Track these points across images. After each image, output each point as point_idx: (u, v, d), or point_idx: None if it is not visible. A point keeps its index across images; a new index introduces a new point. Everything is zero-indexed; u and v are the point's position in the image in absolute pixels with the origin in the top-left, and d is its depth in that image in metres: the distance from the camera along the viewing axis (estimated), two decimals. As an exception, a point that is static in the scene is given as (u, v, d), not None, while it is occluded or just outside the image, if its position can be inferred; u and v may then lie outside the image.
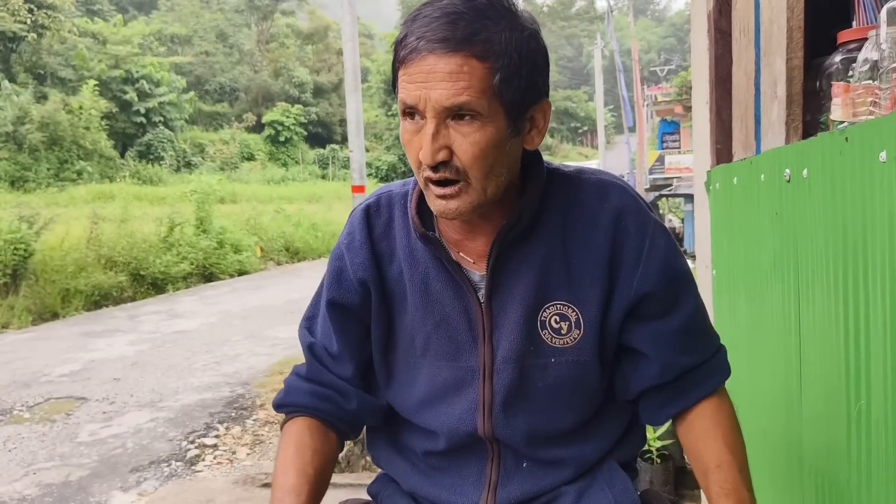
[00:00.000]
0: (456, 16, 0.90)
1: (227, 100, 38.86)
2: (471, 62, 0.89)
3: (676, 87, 23.22)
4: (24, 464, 4.19)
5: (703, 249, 2.36)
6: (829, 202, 1.14)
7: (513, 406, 1.05)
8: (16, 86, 24.43)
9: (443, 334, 1.06)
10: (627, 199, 1.05)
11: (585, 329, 1.03)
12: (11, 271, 9.67)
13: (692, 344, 1.07)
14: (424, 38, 0.90)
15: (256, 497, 3.33)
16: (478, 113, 0.91)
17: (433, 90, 0.90)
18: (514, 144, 0.97)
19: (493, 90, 0.91)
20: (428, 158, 0.92)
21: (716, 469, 1.02)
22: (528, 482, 1.09)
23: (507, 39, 0.91)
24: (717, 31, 2.05)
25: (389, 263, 1.09)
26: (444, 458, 1.11)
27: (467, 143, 0.92)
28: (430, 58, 0.90)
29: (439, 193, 0.94)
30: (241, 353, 6.97)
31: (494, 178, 0.95)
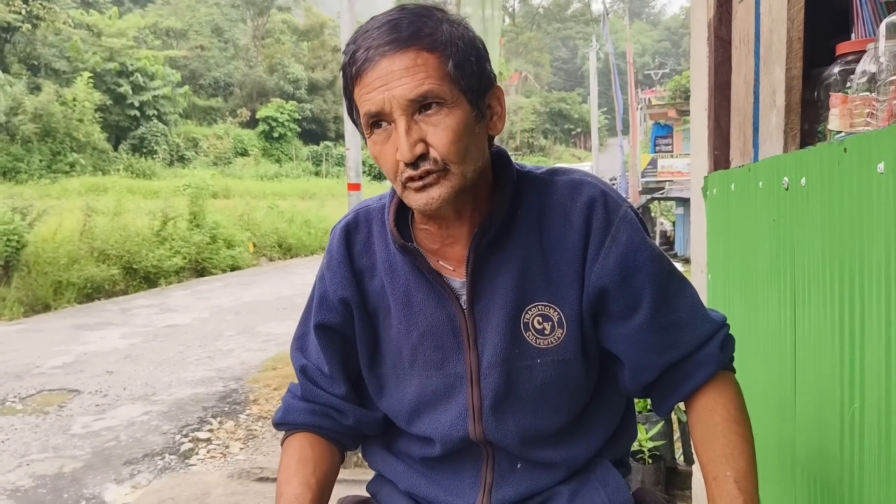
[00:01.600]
0: (395, 21, 0.95)
1: (222, 94, 38.71)
2: (422, 55, 0.93)
3: (670, 91, 23.30)
4: (17, 455, 4.19)
5: (698, 253, 2.39)
6: (826, 211, 1.16)
7: (502, 409, 1.06)
8: (9, 76, 24.24)
9: (429, 344, 1.07)
10: (597, 193, 1.05)
11: (568, 328, 1.04)
12: (4, 262, 9.64)
13: (667, 340, 1.04)
14: (372, 47, 0.94)
15: (251, 491, 3.34)
16: (442, 100, 0.94)
17: (395, 88, 0.93)
18: (480, 129, 1.00)
19: (449, 77, 0.94)
20: (406, 155, 0.93)
21: (712, 481, 1.00)
22: (522, 483, 1.10)
23: (448, 31, 0.96)
24: (717, 39, 2.08)
25: (371, 279, 1.11)
26: (440, 461, 1.13)
27: (440, 130, 0.94)
28: (384, 61, 0.93)
29: (419, 186, 0.95)
30: (234, 349, 6.98)
31: (471, 162, 0.98)
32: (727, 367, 1.09)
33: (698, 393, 1.06)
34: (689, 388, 1.06)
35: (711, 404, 1.04)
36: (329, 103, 39.30)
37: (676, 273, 1.08)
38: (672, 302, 1.05)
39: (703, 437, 1.03)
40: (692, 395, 1.07)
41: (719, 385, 1.06)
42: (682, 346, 1.04)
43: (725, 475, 0.98)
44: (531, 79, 57.12)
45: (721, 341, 1.06)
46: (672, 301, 1.05)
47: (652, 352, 1.04)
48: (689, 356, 1.04)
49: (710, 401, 1.05)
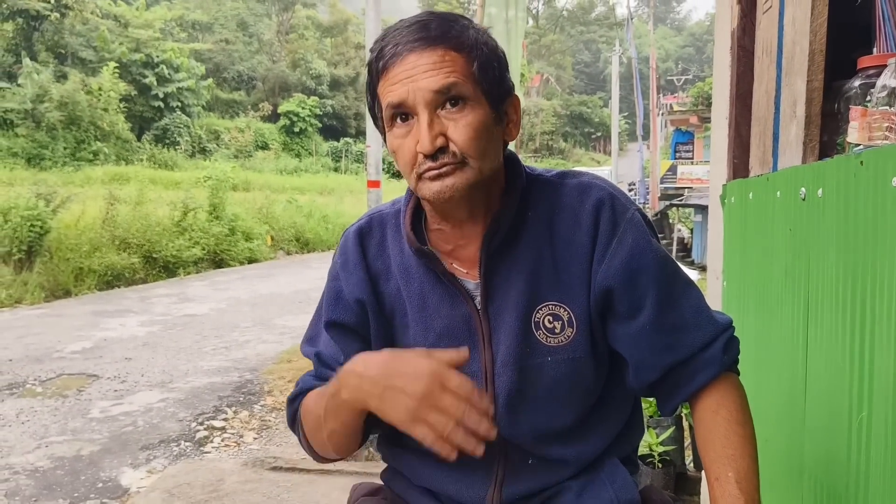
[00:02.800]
0: (425, 21, 1.00)
1: (245, 88, 38.98)
2: (450, 53, 0.98)
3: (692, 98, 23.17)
4: (36, 437, 4.28)
5: (714, 261, 2.40)
6: (841, 223, 1.18)
7: (515, 407, 1.08)
8: (37, 64, 24.56)
9: (445, 345, 1.08)
10: (605, 195, 1.07)
11: (578, 326, 1.06)
12: (27, 247, 9.78)
13: (670, 341, 1.05)
14: (401, 43, 0.98)
15: (265, 479, 3.39)
16: (465, 97, 0.98)
17: (420, 81, 0.96)
18: (497, 131, 1.04)
19: (473, 77, 0.98)
20: (427, 146, 0.96)
21: (714, 482, 1.01)
22: (533, 479, 1.12)
23: (474, 35, 1.01)
24: (741, 49, 2.09)
25: (386, 282, 1.12)
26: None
27: (461, 126, 0.97)
28: (412, 56, 0.97)
29: (433, 174, 0.98)
30: (250, 340, 7.05)
31: (488, 160, 1.01)
32: (731, 368, 1.09)
33: (702, 394, 1.07)
34: (692, 388, 1.07)
35: (714, 405, 1.05)
36: (350, 100, 39.43)
37: (682, 276, 1.10)
38: (676, 303, 1.06)
39: (705, 438, 1.05)
40: (695, 396, 1.08)
41: (723, 386, 1.07)
42: (685, 347, 1.05)
43: (727, 476, 0.99)
44: (553, 81, 56.95)
45: (725, 343, 1.07)
46: (676, 303, 1.06)
47: (655, 352, 1.05)
48: (693, 357, 1.05)
49: (714, 402, 1.06)
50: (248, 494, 3.27)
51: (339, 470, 3.36)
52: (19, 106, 22.73)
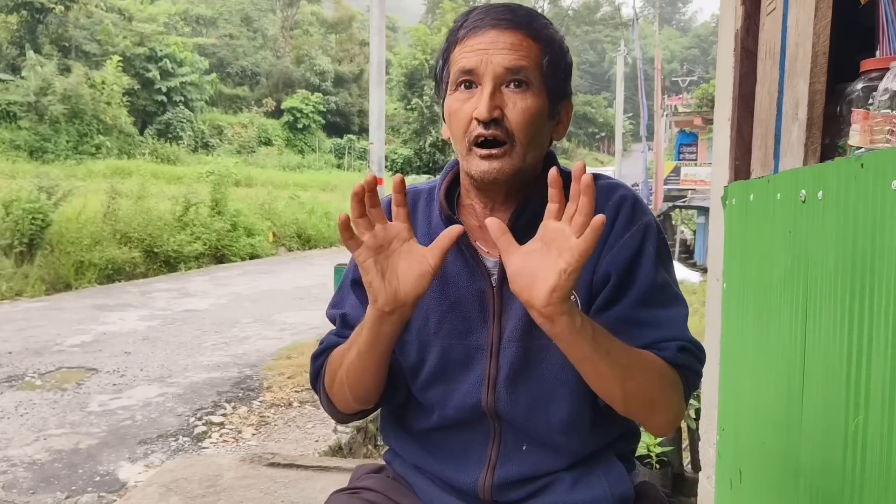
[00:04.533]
0: (514, 7, 1.06)
1: (248, 84, 38.99)
2: (528, 40, 1.04)
3: (697, 99, 23.16)
4: (34, 429, 4.28)
5: (715, 262, 2.40)
6: (841, 225, 1.18)
7: (516, 383, 1.10)
8: (40, 57, 24.58)
9: (456, 314, 1.12)
10: (629, 194, 1.12)
11: (582, 311, 1.06)
12: (28, 240, 9.80)
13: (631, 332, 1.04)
14: (488, 17, 1.04)
15: (263, 475, 3.39)
16: (530, 83, 1.04)
17: (495, 55, 1.03)
18: (548, 126, 1.10)
19: (542, 67, 1.05)
20: (484, 113, 1.01)
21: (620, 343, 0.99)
22: (525, 464, 1.13)
23: (552, 33, 1.08)
24: (744, 51, 2.09)
25: None
26: (448, 437, 1.16)
27: (518, 108, 1.03)
28: (493, 31, 1.04)
29: (485, 154, 1.04)
30: (250, 336, 7.05)
31: (534, 149, 1.07)
32: (681, 372, 1.06)
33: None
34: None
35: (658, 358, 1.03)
36: (354, 97, 39.43)
37: (673, 290, 1.10)
38: (655, 307, 1.06)
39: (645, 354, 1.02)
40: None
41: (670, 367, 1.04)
42: (640, 339, 1.04)
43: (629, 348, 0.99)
44: (557, 80, 56.78)
45: (681, 346, 1.05)
46: (655, 307, 1.06)
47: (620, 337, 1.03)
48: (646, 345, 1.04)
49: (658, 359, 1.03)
50: (245, 490, 3.27)
51: (337, 466, 3.36)
52: (22, 98, 22.77)
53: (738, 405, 1.86)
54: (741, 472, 1.84)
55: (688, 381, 1.07)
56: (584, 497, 1.12)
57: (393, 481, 1.24)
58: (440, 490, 1.18)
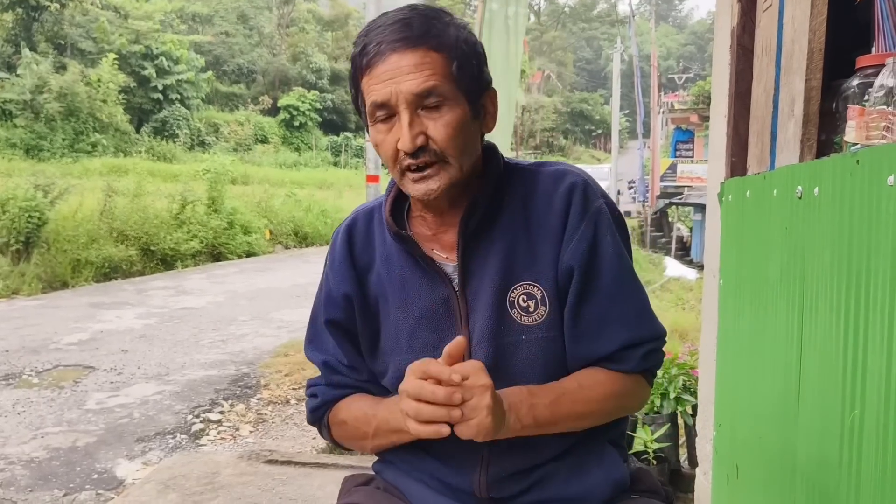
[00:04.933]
0: (407, 20, 1.02)
1: (245, 81, 38.88)
2: (430, 54, 1.01)
3: (693, 96, 23.19)
4: (32, 427, 4.28)
5: (711, 259, 2.40)
6: (836, 221, 1.18)
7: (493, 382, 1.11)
8: (36, 55, 24.51)
9: (424, 326, 1.13)
10: (579, 181, 1.12)
11: (550, 305, 1.10)
12: (24, 238, 9.79)
13: (606, 332, 1.10)
14: (384, 42, 1.01)
15: (260, 472, 3.39)
16: (444, 97, 1.02)
17: (402, 83, 1.00)
18: (475, 126, 1.08)
19: (452, 76, 1.02)
20: (407, 145, 1.01)
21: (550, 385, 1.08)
22: (518, 458, 1.13)
23: (454, 34, 1.04)
24: (740, 47, 2.09)
25: (369, 272, 1.17)
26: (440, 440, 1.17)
27: (440, 125, 1.02)
28: (394, 56, 1.00)
29: (417, 177, 1.04)
30: (247, 333, 7.05)
31: (467, 157, 1.06)
32: (645, 375, 1.15)
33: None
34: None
35: (613, 377, 1.11)
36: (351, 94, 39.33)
37: (634, 274, 1.15)
38: (623, 299, 1.11)
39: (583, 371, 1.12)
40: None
41: (630, 377, 1.13)
42: (612, 342, 1.10)
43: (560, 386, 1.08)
44: (554, 78, 56.91)
45: (647, 351, 1.12)
46: (624, 299, 1.12)
47: (586, 340, 1.10)
48: (616, 353, 1.11)
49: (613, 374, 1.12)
50: (243, 487, 3.27)
51: (335, 464, 3.37)
52: (18, 97, 22.70)
53: (735, 401, 1.86)
54: (738, 467, 1.84)
55: (652, 375, 1.16)
56: (580, 488, 1.13)
57: (383, 493, 1.23)
58: (434, 492, 1.18)
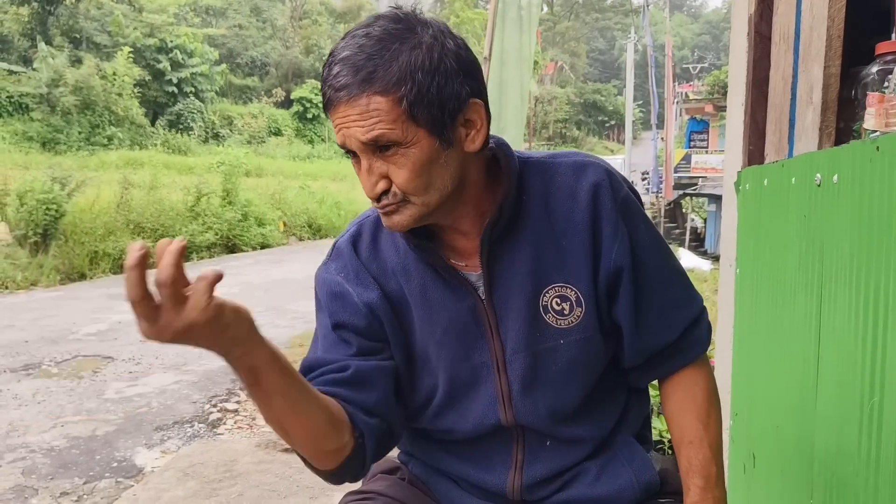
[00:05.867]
0: (353, 58, 0.94)
1: (258, 74, 38.98)
2: (374, 99, 0.92)
3: (708, 86, 22.98)
4: (52, 416, 4.34)
5: (728, 248, 2.40)
6: (856, 209, 1.18)
7: (531, 392, 1.09)
8: (52, 49, 24.65)
9: (452, 338, 1.09)
10: (603, 172, 1.08)
11: (586, 305, 1.06)
12: (42, 231, 9.88)
13: (666, 320, 1.10)
14: (332, 88, 0.95)
15: (278, 461, 3.43)
16: (397, 142, 0.94)
17: (351, 129, 0.95)
18: (449, 155, 0.98)
19: (403, 117, 0.93)
20: (368, 192, 0.99)
21: (688, 444, 1.09)
22: (552, 460, 1.13)
23: (406, 63, 0.93)
24: (758, 35, 2.08)
25: (386, 282, 1.11)
26: (470, 443, 1.15)
27: (397, 168, 0.96)
28: (341, 106, 0.95)
29: (384, 212, 1.00)
30: (263, 325, 6.90)
31: (436, 192, 0.99)
32: (707, 348, 1.16)
33: (685, 371, 1.14)
34: (675, 366, 1.13)
35: (693, 378, 1.13)
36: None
37: (670, 251, 1.15)
38: (672, 280, 1.12)
39: (682, 406, 1.12)
40: (677, 373, 1.14)
41: (700, 362, 1.14)
42: (676, 327, 1.11)
43: (701, 440, 1.08)
44: (567, 69, 56.61)
45: (708, 325, 1.15)
46: (672, 279, 1.12)
47: (651, 331, 1.10)
48: (684, 335, 1.11)
49: (692, 376, 1.13)
50: (260, 475, 3.31)
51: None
52: (34, 90, 22.88)
53: (752, 390, 1.86)
54: (755, 456, 1.84)
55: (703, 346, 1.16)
56: (611, 487, 1.13)
57: (409, 485, 1.21)
58: (463, 491, 1.17)
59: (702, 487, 1.07)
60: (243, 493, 3.14)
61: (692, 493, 1.07)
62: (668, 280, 1.11)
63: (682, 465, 1.10)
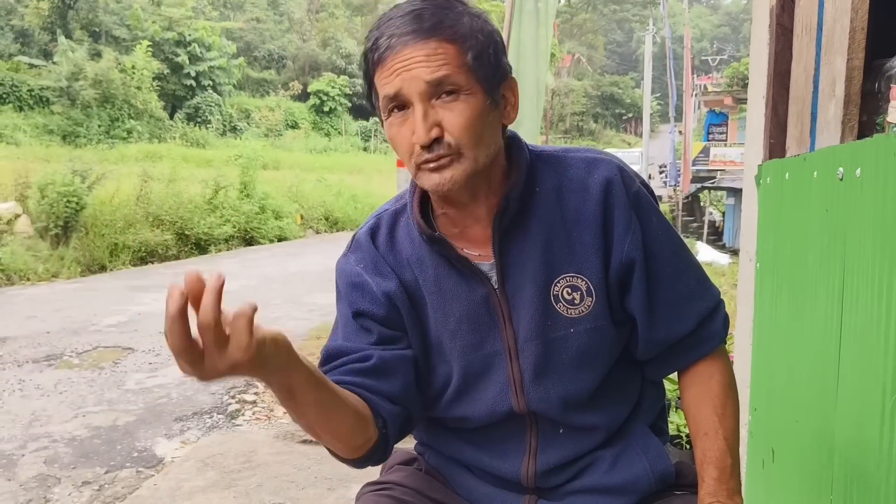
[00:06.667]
0: (418, 11, 0.99)
1: (275, 67, 39.12)
2: (444, 45, 0.98)
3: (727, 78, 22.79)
4: (73, 406, 4.40)
5: (748, 242, 2.38)
6: (880, 203, 1.17)
7: (543, 380, 1.10)
8: (72, 42, 24.88)
9: (465, 327, 1.11)
10: (614, 168, 1.10)
11: (596, 295, 1.08)
12: (63, 223, 10.00)
13: (679, 311, 1.11)
14: (395, 35, 0.98)
15: (296, 451, 3.46)
16: (459, 86, 0.98)
17: (414, 73, 0.97)
18: (494, 116, 1.04)
19: (467, 66, 0.99)
20: (422, 137, 0.97)
21: (703, 436, 1.09)
22: (566, 447, 1.14)
23: (469, 23, 1.01)
24: (779, 27, 2.06)
25: (402, 273, 1.13)
26: (484, 430, 1.16)
27: (454, 115, 0.98)
28: (406, 49, 0.97)
29: (433, 167, 1.00)
30: (280, 317, 7.14)
31: (484, 148, 1.02)
32: (724, 340, 1.16)
33: (702, 363, 1.14)
34: (691, 359, 1.14)
35: (710, 371, 1.13)
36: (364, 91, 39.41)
37: (684, 244, 1.16)
38: (685, 273, 1.12)
39: (698, 398, 1.12)
40: (694, 365, 1.15)
41: (716, 354, 1.14)
42: (690, 319, 1.11)
43: (717, 432, 1.09)
44: (584, 61, 56.28)
45: (723, 317, 1.15)
46: (685, 272, 1.13)
47: (665, 324, 1.10)
48: (698, 328, 1.12)
49: (709, 368, 1.14)
50: (279, 466, 3.34)
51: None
52: (55, 84, 23.10)
53: (772, 385, 1.85)
54: (774, 451, 1.84)
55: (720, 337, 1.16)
56: (626, 476, 1.13)
57: (425, 475, 1.23)
58: (479, 480, 1.18)
59: (716, 479, 1.07)
60: (262, 483, 3.17)
61: (707, 483, 1.07)
62: (681, 273, 1.12)
63: (697, 457, 1.10)
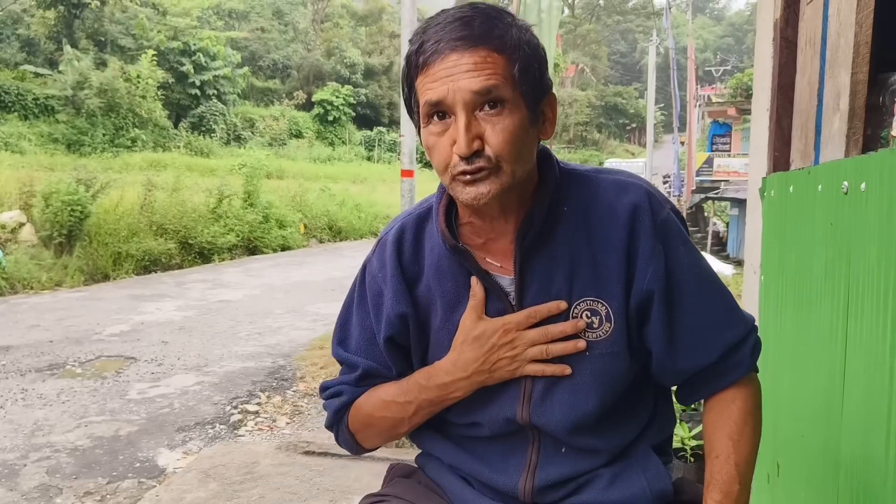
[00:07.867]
0: (468, 18, 0.97)
1: (279, 76, 39.24)
2: (492, 55, 0.96)
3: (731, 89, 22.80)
4: (76, 416, 4.39)
5: (752, 255, 2.38)
6: (885, 217, 1.17)
7: (551, 397, 1.10)
8: (77, 51, 24.97)
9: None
10: (643, 194, 1.08)
11: (615, 321, 1.07)
12: (67, 232, 10.01)
13: (704, 340, 1.08)
14: (443, 40, 0.96)
15: (298, 463, 3.45)
16: (504, 99, 0.97)
17: (461, 81, 0.95)
18: (533, 132, 1.03)
19: (513, 79, 0.97)
20: (463, 148, 0.96)
21: (714, 458, 1.08)
22: (565, 466, 1.13)
23: (517, 35, 0.99)
24: (783, 40, 2.06)
25: (417, 283, 1.13)
26: (487, 442, 1.16)
27: (497, 129, 0.97)
28: (453, 55, 0.96)
29: (469, 179, 0.98)
30: (283, 326, 7.14)
31: (522, 163, 1.01)
32: (754, 368, 1.13)
33: (724, 392, 1.12)
34: (717, 387, 1.11)
35: (732, 396, 1.11)
36: (384, 89, 39.48)
37: (713, 274, 1.13)
38: (712, 302, 1.10)
39: (716, 420, 1.11)
40: (717, 393, 1.12)
41: (743, 382, 1.11)
42: (716, 349, 1.09)
43: (728, 457, 1.06)
44: (588, 71, 56.41)
45: (753, 345, 1.11)
46: (712, 301, 1.10)
47: (687, 353, 1.09)
48: (723, 358, 1.09)
49: (732, 393, 1.11)
50: (281, 477, 3.33)
51: (371, 455, 3.40)
52: (60, 92, 23.17)
53: (776, 398, 1.85)
54: (779, 465, 1.83)
55: (755, 368, 1.14)
56: (623, 494, 1.12)
57: (424, 488, 1.24)
58: (477, 492, 1.18)
59: (718, 502, 1.05)
60: (264, 495, 3.16)
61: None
62: (706, 302, 1.09)
63: (705, 478, 1.09)
